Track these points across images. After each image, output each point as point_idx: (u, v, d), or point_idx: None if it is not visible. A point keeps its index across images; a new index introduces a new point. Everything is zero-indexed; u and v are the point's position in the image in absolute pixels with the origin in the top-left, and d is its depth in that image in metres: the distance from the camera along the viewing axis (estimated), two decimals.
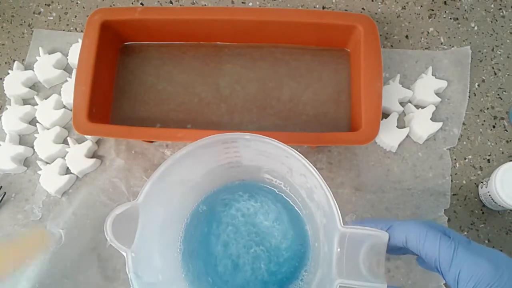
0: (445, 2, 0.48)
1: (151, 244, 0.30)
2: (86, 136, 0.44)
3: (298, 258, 0.37)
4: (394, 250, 0.30)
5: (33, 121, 0.46)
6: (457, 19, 0.48)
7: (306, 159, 0.28)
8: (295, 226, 0.38)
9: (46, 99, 0.45)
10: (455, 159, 0.43)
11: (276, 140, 0.29)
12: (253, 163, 0.35)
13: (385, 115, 0.44)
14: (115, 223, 0.27)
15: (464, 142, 0.44)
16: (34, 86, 0.47)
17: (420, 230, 0.27)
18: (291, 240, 0.37)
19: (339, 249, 0.26)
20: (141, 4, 0.50)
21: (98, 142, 0.45)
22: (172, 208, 0.35)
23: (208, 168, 0.35)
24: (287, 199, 0.38)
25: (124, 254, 0.26)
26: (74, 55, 0.46)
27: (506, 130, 0.44)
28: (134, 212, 0.27)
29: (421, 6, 0.48)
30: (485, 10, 0.48)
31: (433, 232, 0.27)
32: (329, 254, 0.27)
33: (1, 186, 0.43)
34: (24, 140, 0.45)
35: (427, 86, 0.44)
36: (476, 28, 0.47)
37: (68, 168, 0.43)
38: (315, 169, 0.28)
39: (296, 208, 0.38)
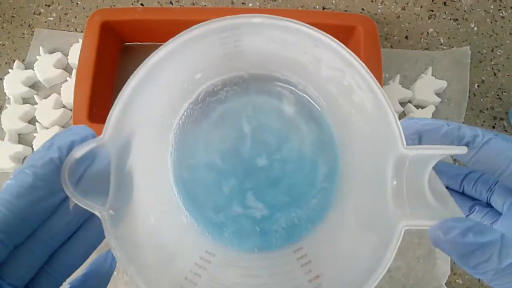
0: (444, 3, 0.48)
1: (133, 185, 0.22)
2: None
3: (320, 174, 0.27)
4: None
5: (32, 120, 0.45)
6: (457, 19, 0.48)
7: (350, 51, 0.20)
8: (314, 127, 0.28)
9: (45, 98, 0.45)
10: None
11: (303, 23, 0.20)
12: (261, 52, 0.25)
13: None
14: (77, 172, 0.19)
15: None
16: (34, 85, 0.47)
17: None
18: (310, 147, 0.28)
19: (395, 182, 0.19)
20: (141, 4, 0.50)
21: None
22: (153, 127, 0.26)
23: (196, 67, 0.26)
24: (303, 94, 0.28)
25: (98, 214, 0.18)
26: (74, 55, 0.46)
27: (505, 130, 0.44)
28: (102, 153, 0.19)
29: (421, 7, 0.48)
30: (485, 11, 0.48)
31: None
32: (375, 181, 0.21)
33: None
34: (23, 139, 0.45)
35: (427, 87, 0.44)
36: (475, 28, 0.47)
37: None
38: (365, 65, 0.20)
39: (316, 105, 0.28)
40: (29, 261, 0.19)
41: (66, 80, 0.46)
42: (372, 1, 0.49)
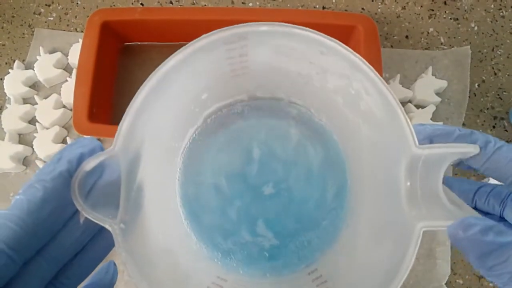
0: (445, 2, 0.48)
1: (144, 199, 0.22)
2: (85, 136, 0.44)
3: (331, 194, 0.27)
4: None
5: (32, 121, 0.45)
6: (457, 19, 0.48)
7: (357, 54, 0.20)
8: (321, 146, 0.28)
9: (45, 98, 0.45)
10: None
11: (310, 29, 0.20)
12: (266, 68, 0.25)
13: None
14: (87, 185, 0.18)
15: None
16: (34, 85, 0.47)
17: None
18: (318, 171, 0.27)
19: (409, 183, 0.18)
20: (141, 4, 0.50)
21: None
22: (162, 146, 0.26)
23: (203, 85, 0.25)
24: (308, 113, 0.28)
25: (109, 228, 0.18)
26: (74, 55, 0.46)
27: (506, 130, 0.44)
28: (112, 165, 0.19)
29: (421, 6, 0.48)
30: (485, 10, 0.48)
31: None
32: (388, 186, 0.20)
33: None
34: (23, 139, 0.45)
35: (427, 86, 0.44)
36: (476, 28, 0.47)
37: None
38: (371, 67, 0.19)
39: (321, 123, 0.28)
40: (38, 277, 0.19)
41: (66, 80, 0.46)
42: (372, 1, 0.49)
